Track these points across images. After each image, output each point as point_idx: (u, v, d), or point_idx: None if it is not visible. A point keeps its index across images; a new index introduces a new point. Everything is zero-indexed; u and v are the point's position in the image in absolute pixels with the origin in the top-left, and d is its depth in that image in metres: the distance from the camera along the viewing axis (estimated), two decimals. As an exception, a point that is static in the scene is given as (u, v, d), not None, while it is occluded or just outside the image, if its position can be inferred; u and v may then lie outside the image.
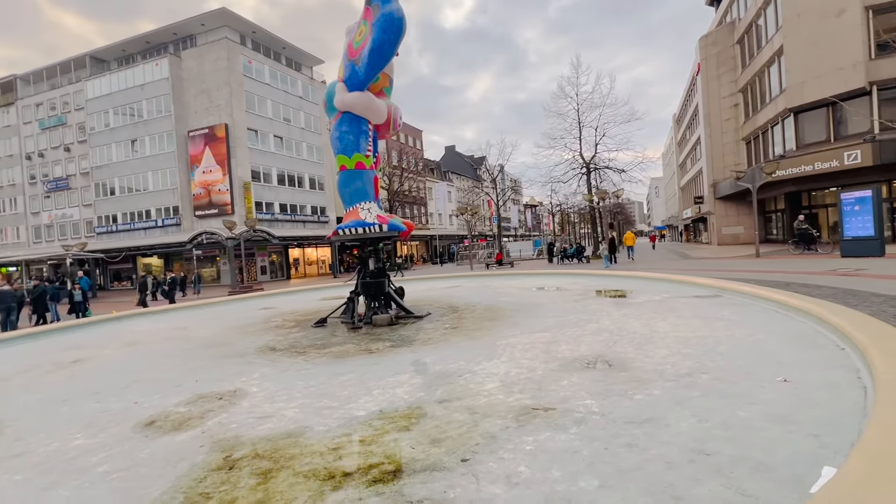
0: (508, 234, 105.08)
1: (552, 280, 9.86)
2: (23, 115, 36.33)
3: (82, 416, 2.71)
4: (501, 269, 19.33)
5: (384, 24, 4.57)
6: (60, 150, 34.66)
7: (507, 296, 7.50)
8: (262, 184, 28.57)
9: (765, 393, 2.23)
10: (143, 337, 5.87)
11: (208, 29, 28.99)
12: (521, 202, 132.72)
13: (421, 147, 64.08)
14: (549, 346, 3.60)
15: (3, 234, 38.73)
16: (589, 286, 7.94)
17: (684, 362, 2.87)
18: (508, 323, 4.89)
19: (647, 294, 6.42)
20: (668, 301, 5.59)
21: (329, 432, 2.18)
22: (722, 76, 26.85)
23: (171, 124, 28.13)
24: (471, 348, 3.82)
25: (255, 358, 4.05)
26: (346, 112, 5.34)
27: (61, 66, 34.86)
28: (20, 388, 3.58)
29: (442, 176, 74.50)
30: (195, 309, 8.66)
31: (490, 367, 3.12)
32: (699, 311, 4.69)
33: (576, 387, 2.57)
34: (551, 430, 2.00)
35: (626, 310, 5.16)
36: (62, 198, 35.02)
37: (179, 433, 2.33)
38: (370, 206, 5.34)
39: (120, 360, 4.48)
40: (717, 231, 28.64)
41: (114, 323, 7.33)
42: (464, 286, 9.88)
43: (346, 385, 2.99)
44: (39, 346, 5.78)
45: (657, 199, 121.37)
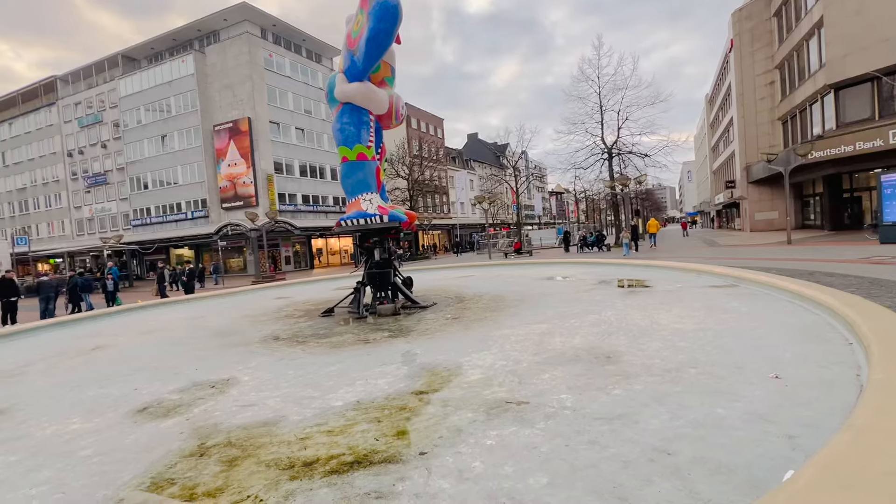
0: (532, 223, 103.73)
1: (566, 269, 9.69)
2: (63, 115, 38.24)
3: (85, 402, 2.86)
4: (520, 258, 19.13)
5: (379, 13, 4.51)
6: (98, 147, 36.37)
7: (515, 286, 7.42)
8: (285, 175, 29.16)
9: (751, 390, 2.12)
10: (160, 325, 6.13)
11: (230, 24, 29.51)
12: (546, 189, 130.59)
13: (442, 135, 63.69)
14: (543, 338, 3.55)
15: (50, 228, 41.18)
16: (602, 276, 7.76)
17: (676, 356, 2.77)
18: (509, 314, 4.84)
19: (660, 284, 6.22)
20: (679, 291, 5.40)
21: (303, 422, 2.22)
22: (756, 52, 25.32)
23: (198, 119, 29.00)
24: (465, 339, 3.80)
25: (257, 347, 4.16)
26: (346, 103, 5.34)
27: (96, 66, 36.38)
28: (40, 374, 3.81)
29: (464, 164, 73.98)
30: (216, 298, 8.99)
31: (477, 359, 3.10)
32: (708, 302, 4.50)
33: (557, 380, 2.52)
34: (518, 424, 1.97)
35: (633, 300, 5.01)
36: (101, 192, 36.84)
37: (166, 420, 2.42)
38: (371, 196, 5.36)
39: (134, 347, 4.71)
40: (750, 217, 27.35)
41: (138, 312, 7.70)
42: (477, 276, 9.84)
43: (332, 375, 3.03)
44: (69, 333, 6.14)
45: (689, 184, 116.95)
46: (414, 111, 52.72)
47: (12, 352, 5.04)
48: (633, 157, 22.73)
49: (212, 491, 1.64)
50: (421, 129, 54.07)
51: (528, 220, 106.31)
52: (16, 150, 43.18)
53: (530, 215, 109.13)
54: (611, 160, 22.15)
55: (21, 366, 4.20)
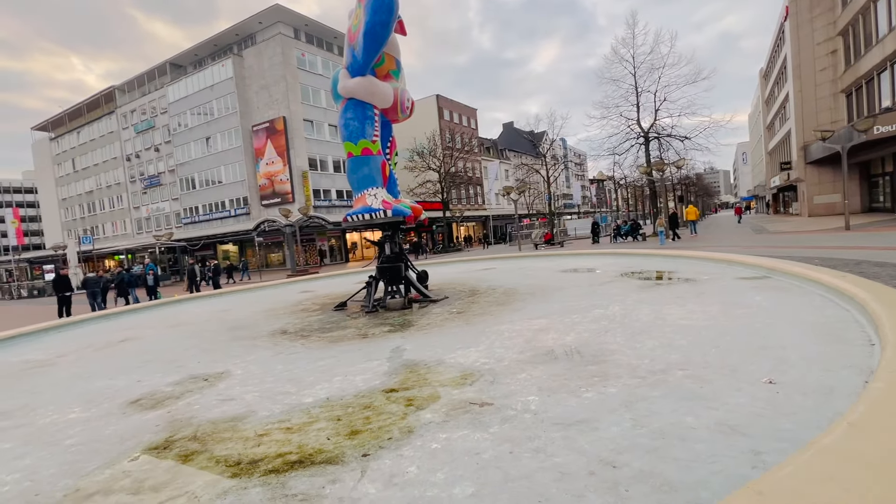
0: (571, 212, 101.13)
1: (592, 260, 9.34)
2: (121, 122, 41.26)
3: (90, 392, 3.06)
4: (550, 249, 18.66)
5: (375, 5, 4.45)
6: (152, 151, 39.00)
7: (533, 278, 7.23)
8: (319, 172, 30.02)
9: (735, 396, 1.92)
10: (186, 319, 6.49)
11: (265, 26, 30.53)
12: (586, 177, 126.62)
13: (476, 126, 63.07)
14: (537, 334, 3.41)
15: (113, 227, 44.83)
16: (626, 267, 7.42)
17: (668, 356, 2.57)
18: (514, 308, 4.71)
19: (684, 275, 5.84)
20: (701, 284, 5.04)
21: (268, 418, 2.25)
22: (816, 19, 23.05)
23: (238, 121, 30.36)
24: (459, 335, 3.73)
25: (261, 341, 4.29)
26: (350, 98, 5.34)
27: (148, 75, 38.88)
28: (66, 365, 4.12)
29: (499, 154, 73.01)
30: (245, 293, 9.40)
31: (461, 356, 3.03)
32: (729, 296, 4.17)
33: (531, 380, 2.40)
34: (472, 427, 1.89)
35: (648, 294, 4.73)
36: (156, 193, 39.57)
37: (150, 412, 2.53)
38: (376, 191, 5.36)
39: (155, 340, 5.00)
40: (808, 201, 25.19)
41: (173, 306, 8.20)
42: (499, 268, 9.69)
43: (317, 371, 3.07)
44: (108, 325, 6.63)
45: (744, 167, 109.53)
46: (446, 103, 52.50)
47: (57, 342, 5.50)
48: (671, 140, 21.43)
49: (157, 486, 1.68)
50: (454, 121, 53.79)
51: (567, 209, 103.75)
52: (83, 157, 47.18)
53: (569, 204, 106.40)
54: (647, 144, 20.97)
55: (56, 356, 4.56)
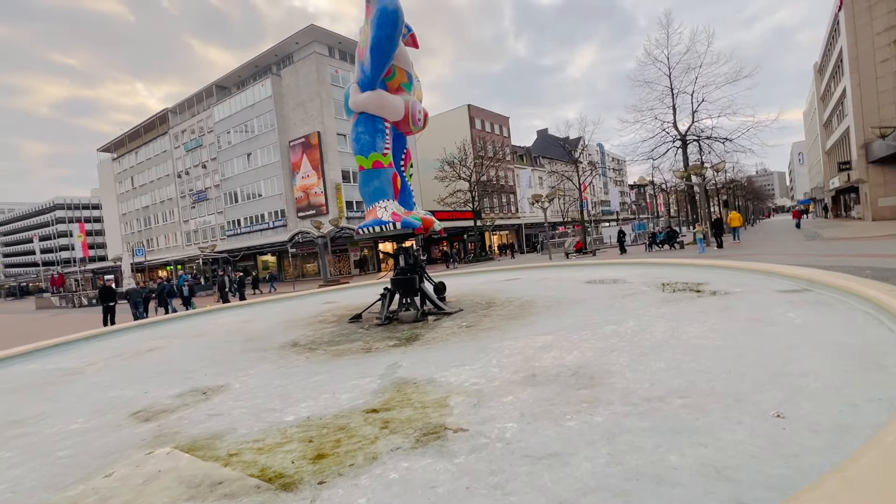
0: (609, 218, 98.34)
1: (621, 271, 8.93)
2: (173, 141, 44.31)
3: (99, 402, 3.19)
4: (581, 258, 18.08)
5: (380, 20, 4.50)
6: (200, 168, 41.56)
7: (554, 290, 7.00)
8: (352, 184, 30.84)
9: (734, 431, 1.71)
10: (211, 329, 6.73)
11: (301, 46, 31.97)
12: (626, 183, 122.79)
13: (508, 134, 62.86)
14: (538, 352, 3.25)
15: (166, 239, 47.94)
16: (655, 278, 7.03)
17: (671, 380, 2.35)
18: (525, 322, 4.55)
19: (717, 287, 5.44)
20: (731, 297, 4.67)
21: (245, 437, 2.23)
22: (875, 7, 21.33)
23: (276, 137, 31.82)
24: (460, 351, 3.63)
25: (270, 353, 4.36)
26: (361, 113, 5.41)
27: (196, 97, 41.63)
28: (92, 373, 4.35)
29: (532, 161, 72.32)
30: (271, 303, 9.68)
31: (453, 375, 2.92)
32: (758, 312, 3.81)
33: (516, 405, 2.26)
34: (437, 456, 1.79)
35: (669, 308, 4.43)
36: (203, 207, 42.02)
37: (143, 425, 2.59)
38: (387, 204, 5.37)
39: (177, 350, 5.20)
40: (871, 203, 23.09)
41: (204, 316, 8.55)
42: (523, 279, 9.46)
43: (309, 386, 3.05)
44: (143, 334, 6.98)
45: (800, 168, 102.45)
46: (478, 112, 52.71)
47: (93, 350, 5.84)
48: (712, 142, 20.29)
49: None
50: (485, 129, 53.84)
51: (605, 216, 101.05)
52: (140, 175, 50.95)
53: (607, 211, 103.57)
54: (685, 148, 19.96)
55: (86, 364, 4.83)
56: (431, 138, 43.13)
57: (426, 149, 42.32)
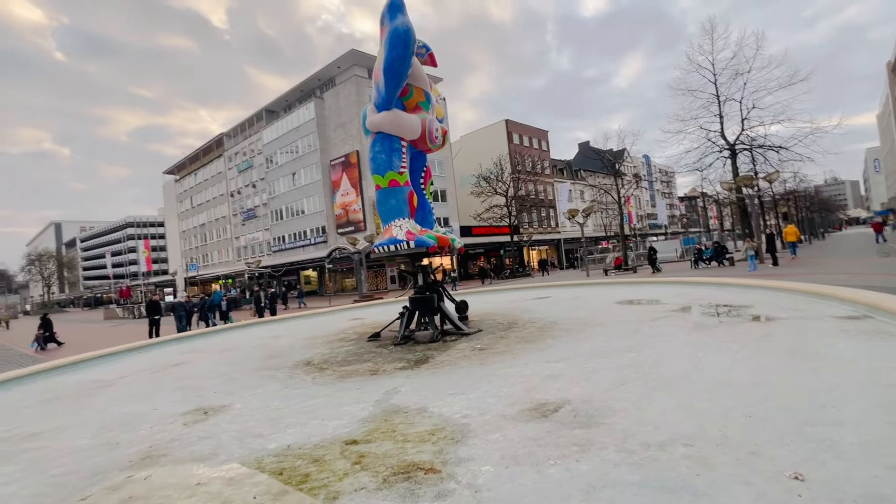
0: (656, 233, 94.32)
1: (660, 290, 8.39)
2: (227, 163, 47.47)
3: (111, 418, 3.31)
4: (620, 275, 17.22)
5: (391, 41, 4.55)
6: (250, 188, 44.18)
7: (582, 310, 6.67)
8: (389, 201, 31.51)
9: (738, 494, 1.46)
10: (239, 344, 6.93)
11: (342, 69, 33.49)
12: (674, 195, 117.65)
13: (547, 147, 62.21)
14: (543, 382, 3.04)
15: (219, 255, 51.01)
16: (695, 299, 6.53)
17: (680, 423, 2.08)
18: (541, 346, 4.31)
19: (761, 311, 4.95)
20: (775, 324, 4.20)
21: (222, 465, 2.20)
22: (955, -1, 19.20)
23: (318, 157, 33.28)
24: (464, 377, 3.47)
25: (281, 372, 4.39)
26: (378, 133, 5.47)
27: (248, 121, 44.56)
28: (120, 387, 4.56)
29: (573, 175, 70.97)
30: (301, 319, 9.91)
31: (447, 405, 2.78)
32: (802, 342, 3.38)
33: (500, 444, 2.09)
34: (397, 501, 1.65)
35: (700, 335, 4.04)
36: (252, 224, 44.47)
37: (138, 445, 2.64)
38: (402, 222, 5.35)
39: (200, 365, 5.37)
40: (960, 214, 20.44)
41: (237, 330, 8.88)
42: (553, 297, 9.11)
43: (303, 410, 3.00)
44: (177, 348, 7.32)
45: (876, 176, 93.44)
46: (516, 126, 52.63)
47: (131, 362, 6.17)
48: (765, 151, 18.85)
49: (77, 534, 1.68)
50: (523, 144, 53.56)
51: (653, 230, 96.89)
52: (198, 194, 54.83)
53: (654, 225, 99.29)
54: (734, 157, 18.67)
55: (119, 377, 5.09)
56: (469, 154, 43.45)
57: (464, 165, 42.65)
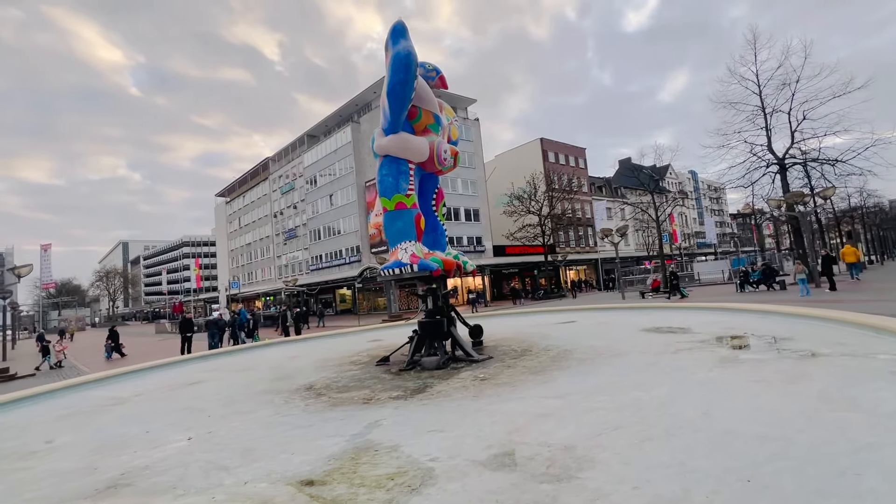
0: (705, 252, 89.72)
1: (692, 317, 7.76)
2: (272, 185, 50.06)
3: (106, 440, 3.36)
4: (657, 298, 16.20)
5: (393, 65, 4.60)
6: (291, 208, 46.24)
7: (604, 338, 6.29)
8: (422, 220, 31.89)
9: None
10: (256, 364, 7.04)
11: (378, 94, 34.69)
12: (725, 212, 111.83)
13: (584, 165, 61.09)
14: (531, 422, 2.80)
15: (262, 273, 53.33)
16: (729, 328, 6.00)
17: (664, 485, 1.81)
18: (546, 378, 4.06)
19: (803, 345, 4.42)
20: (813, 361, 3.72)
21: (176, 500, 2.14)
22: None
23: (354, 178, 34.40)
24: (452, 412, 3.29)
25: (280, 397, 4.35)
26: (386, 156, 5.50)
27: (291, 145, 47.01)
28: (131, 405, 4.69)
29: (613, 192, 69.11)
30: (322, 339, 10.00)
31: (421, 444, 2.61)
32: (840, 386, 2.94)
33: (458, 496, 1.90)
34: (321, 562, 1.50)
35: (722, 372, 3.63)
36: (293, 244, 46.33)
37: (112, 472, 2.64)
38: (407, 245, 5.30)
39: (210, 386, 5.46)
40: None
41: (261, 349, 9.05)
42: (580, 322, 8.66)
43: (279, 442, 2.93)
44: (199, 366, 7.51)
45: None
46: (551, 145, 52.20)
47: (152, 380, 6.37)
48: (817, 165, 17.38)
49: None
50: (559, 162, 52.92)
51: (701, 249, 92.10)
52: (245, 216, 57.98)
53: (703, 244, 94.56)
54: (783, 172, 17.31)
55: (134, 394, 5.26)
56: (504, 174, 43.37)
57: (499, 184, 42.56)
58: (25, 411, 4.83)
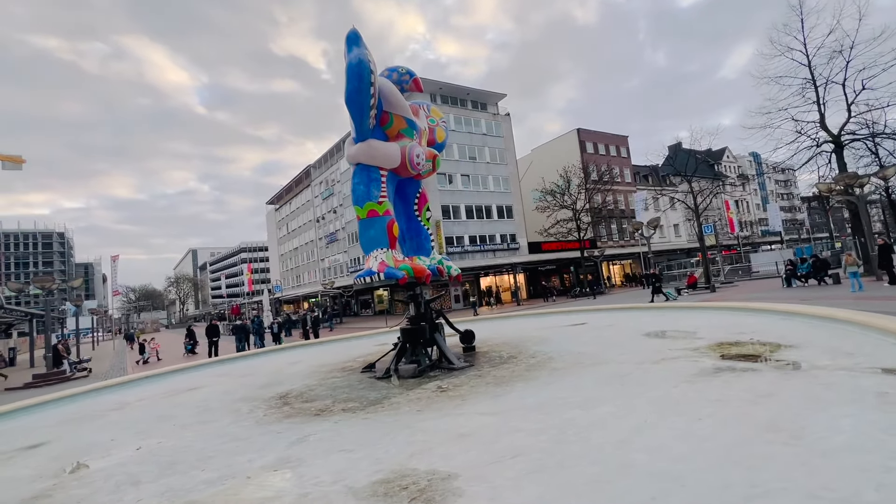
0: (771, 241, 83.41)
1: (708, 318, 7.12)
2: (314, 192, 52.16)
3: (75, 446, 3.62)
4: (693, 295, 14.99)
5: (347, 75, 4.60)
6: (332, 213, 47.93)
7: (597, 344, 5.99)
8: (452, 220, 31.83)
9: None
10: (260, 369, 7.29)
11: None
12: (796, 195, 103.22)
13: (627, 154, 58.33)
14: (441, 445, 2.69)
15: (308, 276, 55.74)
16: (740, 333, 5.44)
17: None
18: (505, 390, 3.91)
19: (803, 354, 3.93)
20: (798, 378, 3.29)
21: (69, 516, 2.25)
22: None
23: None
24: (377, 430, 3.22)
25: (248, 405, 4.48)
26: (358, 164, 5.51)
27: (329, 152, 48.67)
28: (127, 411, 5.02)
29: (660, 181, 65.50)
30: (334, 343, 10.21)
31: (316, 468, 2.58)
32: (802, 411, 2.57)
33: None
34: None
35: (685, 389, 3.30)
36: (334, 247, 48.01)
37: (45, 482, 2.83)
38: (378, 253, 5.28)
39: (204, 392, 5.72)
40: None
41: (277, 353, 9.42)
42: (590, 324, 8.20)
43: (205, 457, 3.00)
44: (211, 370, 7.90)
45: None
46: (589, 135, 50.28)
47: (163, 384, 6.78)
48: (881, 140, 15.26)
49: None
50: (598, 153, 50.87)
51: (766, 237, 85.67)
52: (292, 221, 60.83)
53: (767, 232, 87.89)
54: (840, 151, 15.33)
55: (137, 400, 5.64)
56: (539, 168, 42.31)
57: (536, 179, 41.58)
58: (38, 416, 5.30)
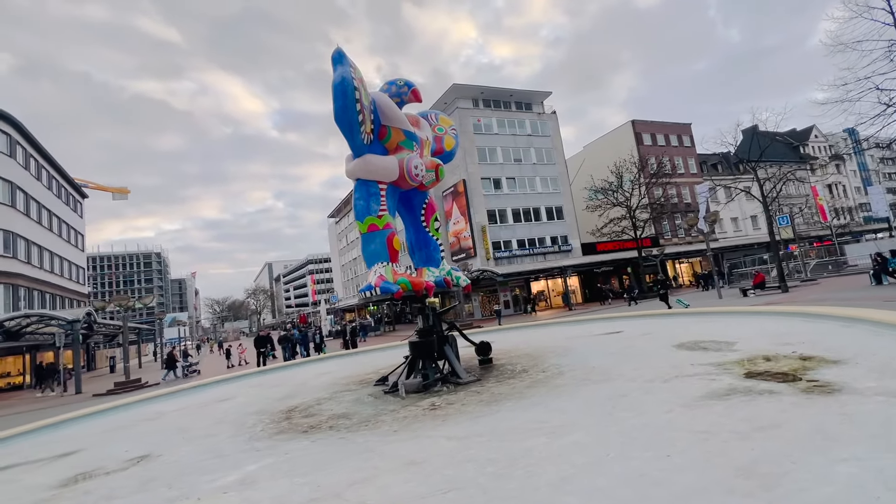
0: (876, 228, 73.66)
1: (752, 326, 6.33)
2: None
3: (94, 455, 3.97)
4: (762, 296, 13.31)
5: (333, 94, 4.71)
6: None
7: (617, 356, 5.58)
8: (499, 224, 31.37)
9: None
10: (290, 380, 7.52)
11: (448, 103, 35.27)
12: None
13: (690, 143, 54.22)
14: (386, 474, 2.59)
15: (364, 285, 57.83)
16: (782, 345, 4.81)
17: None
18: (498, 408, 3.79)
19: (853, 372, 3.37)
20: (821, 406, 2.79)
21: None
22: None
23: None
24: (342, 452, 3.18)
25: (254, 419, 4.65)
26: (358, 179, 5.59)
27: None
28: (161, 421, 5.41)
29: (732, 169, 60.10)
30: (367, 353, 10.37)
31: (267, 490, 2.58)
32: (789, 454, 2.18)
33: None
34: None
35: (676, 415, 2.93)
36: (388, 255, 49.46)
37: (37, 494, 3.11)
38: (377, 267, 5.32)
39: (231, 404, 5.99)
40: None
41: (315, 363, 9.77)
42: (626, 332, 7.57)
43: (185, 473, 3.13)
44: (252, 381, 8.36)
45: None
46: (645, 126, 47.43)
47: (204, 395, 7.28)
48: None
49: None
50: (656, 144, 47.75)
51: (876, 224, 75.69)
52: (350, 233, 63.55)
53: (870, 219, 77.57)
54: (942, 123, 12.80)
55: (174, 410, 6.10)
56: (594, 165, 40.48)
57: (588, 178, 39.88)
58: (91, 423, 5.87)
